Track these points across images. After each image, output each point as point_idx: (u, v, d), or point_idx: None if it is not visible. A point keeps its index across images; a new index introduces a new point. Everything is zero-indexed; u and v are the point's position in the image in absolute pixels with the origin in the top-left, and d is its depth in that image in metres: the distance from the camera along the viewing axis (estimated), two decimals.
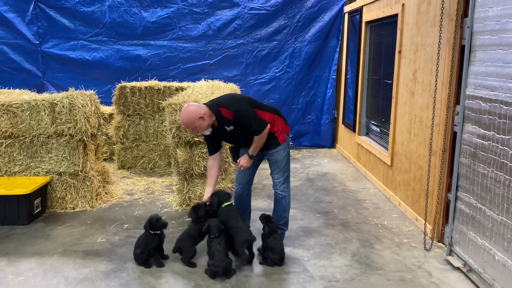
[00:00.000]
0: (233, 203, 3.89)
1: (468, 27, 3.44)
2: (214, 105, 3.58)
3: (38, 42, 7.50)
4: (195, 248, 3.69)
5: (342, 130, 7.76)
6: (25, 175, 4.89)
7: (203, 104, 3.62)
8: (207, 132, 3.64)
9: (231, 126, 3.59)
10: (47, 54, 7.55)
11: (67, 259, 3.76)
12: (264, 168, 4.36)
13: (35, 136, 4.80)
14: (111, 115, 6.81)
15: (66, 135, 4.79)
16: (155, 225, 3.65)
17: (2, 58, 7.45)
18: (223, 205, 3.76)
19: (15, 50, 7.48)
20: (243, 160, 3.76)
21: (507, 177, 2.98)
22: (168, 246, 3.79)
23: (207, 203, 3.79)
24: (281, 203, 3.90)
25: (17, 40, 7.46)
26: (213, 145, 3.79)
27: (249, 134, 3.61)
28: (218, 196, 3.82)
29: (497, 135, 3.10)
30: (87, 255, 3.84)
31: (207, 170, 3.89)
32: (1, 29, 7.38)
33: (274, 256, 3.59)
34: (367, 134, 6.63)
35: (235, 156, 3.95)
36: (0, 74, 7.46)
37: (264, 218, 3.76)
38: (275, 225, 3.72)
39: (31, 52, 7.52)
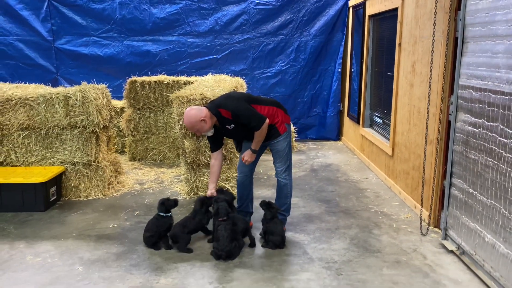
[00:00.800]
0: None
1: (460, 19, 3.58)
2: (214, 107, 3.78)
3: (51, 38, 7.77)
4: (190, 236, 3.87)
5: (347, 123, 7.91)
6: (41, 165, 5.15)
7: (204, 106, 3.82)
8: (210, 133, 3.84)
9: (232, 125, 3.79)
10: (61, 50, 7.82)
11: (81, 242, 4.00)
12: (270, 159, 4.53)
13: (50, 128, 5.05)
14: (122, 109, 7.06)
15: (79, 127, 5.04)
16: (167, 204, 3.89)
17: (18, 55, 7.74)
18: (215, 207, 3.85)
19: (30, 47, 7.76)
20: (247, 155, 3.95)
21: (495, 162, 3.13)
22: None
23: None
24: (283, 190, 4.09)
25: (32, 37, 7.73)
26: (215, 144, 3.99)
27: (250, 130, 3.80)
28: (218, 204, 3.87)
29: (486, 123, 3.24)
30: (99, 239, 4.08)
31: (210, 168, 4.07)
32: (17, 26, 7.67)
33: (275, 239, 3.79)
34: (370, 126, 6.77)
35: (239, 146, 4.16)
36: (17, 70, 7.75)
37: (265, 204, 3.95)
38: (276, 210, 3.91)
39: (45, 49, 7.79)
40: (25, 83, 6.05)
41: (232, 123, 3.78)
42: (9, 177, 4.74)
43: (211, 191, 4.00)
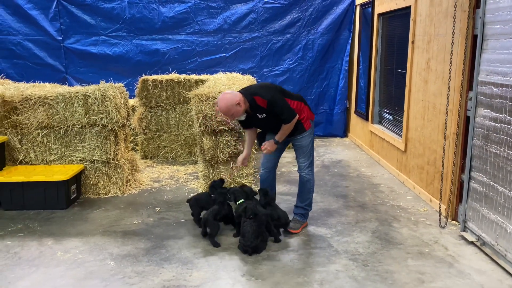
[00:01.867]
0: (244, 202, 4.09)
1: (480, 17, 3.69)
2: (249, 94, 3.83)
3: (60, 38, 7.79)
4: (219, 224, 4.03)
5: (354, 119, 8.02)
6: (60, 163, 5.20)
7: (238, 92, 3.88)
8: (243, 117, 3.90)
9: (264, 114, 3.86)
10: (70, 50, 7.85)
11: (108, 238, 4.07)
12: (283, 156, 4.62)
13: (69, 127, 5.10)
14: (133, 108, 7.10)
15: (98, 125, 5.09)
16: (218, 185, 4.17)
17: (27, 54, 7.75)
18: (237, 202, 4.03)
19: (39, 46, 7.78)
20: (268, 144, 4.01)
21: None
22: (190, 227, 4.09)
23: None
24: (306, 185, 4.18)
25: (41, 37, 7.75)
26: (247, 125, 4.10)
27: (279, 122, 3.88)
28: (234, 193, 4.10)
29: (508, 117, 3.35)
30: (126, 235, 4.14)
31: (246, 136, 4.28)
32: (26, 26, 7.68)
33: (281, 221, 3.98)
34: (379, 123, 6.89)
35: (261, 143, 4.23)
36: (26, 69, 7.77)
37: (262, 191, 4.13)
38: (270, 197, 4.10)
39: (54, 48, 7.81)
40: (35, 82, 6.06)
41: (265, 112, 3.84)
42: (30, 176, 4.79)
43: (242, 156, 4.21)
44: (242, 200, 4.05)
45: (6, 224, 4.42)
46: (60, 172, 4.86)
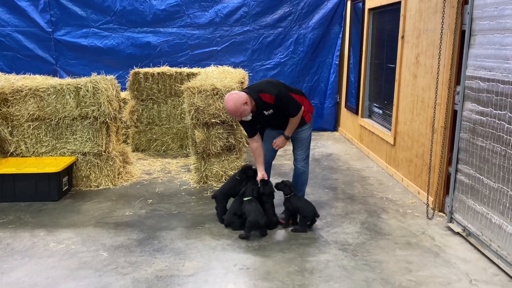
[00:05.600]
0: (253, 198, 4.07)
1: (468, 13, 3.77)
2: (254, 91, 3.84)
3: (51, 30, 7.73)
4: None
5: (344, 114, 8.11)
6: (51, 155, 5.20)
7: (242, 91, 3.89)
8: (250, 117, 3.88)
9: (271, 110, 3.87)
10: (60, 42, 7.79)
11: (101, 230, 4.09)
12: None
13: (60, 119, 5.09)
14: (124, 100, 7.09)
15: (90, 118, 5.09)
16: (247, 171, 4.15)
17: (16, 46, 7.68)
18: (245, 199, 4.01)
19: (29, 38, 7.71)
20: (279, 140, 4.07)
21: (503, 148, 3.34)
22: (193, 219, 4.13)
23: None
24: (301, 177, 4.26)
25: (31, 28, 7.68)
26: (252, 129, 4.03)
27: (284, 117, 3.92)
28: (247, 187, 4.05)
29: (494, 111, 3.44)
30: (118, 226, 4.17)
31: (253, 152, 4.10)
32: (15, 17, 7.60)
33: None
34: (369, 117, 6.97)
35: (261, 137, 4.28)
36: (15, 61, 7.70)
37: (263, 182, 4.13)
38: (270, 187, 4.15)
39: (44, 40, 7.75)
40: (25, 74, 6.03)
41: (272, 108, 3.86)
42: (21, 167, 4.78)
43: (261, 172, 4.06)
44: (250, 197, 4.00)
45: None
46: (52, 164, 4.86)
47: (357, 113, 7.21)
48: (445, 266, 3.41)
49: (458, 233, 3.95)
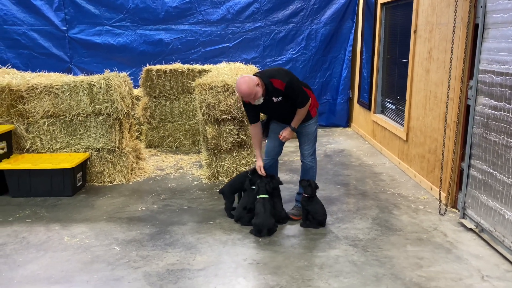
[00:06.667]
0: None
1: (481, 6, 3.71)
2: (265, 77, 3.84)
3: (65, 28, 7.85)
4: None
5: (357, 109, 8.06)
6: (65, 151, 5.29)
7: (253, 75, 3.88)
8: (261, 99, 3.86)
9: (280, 97, 3.86)
10: (74, 40, 7.90)
11: (114, 224, 4.16)
12: (286, 145, 4.62)
13: (74, 115, 5.18)
14: (137, 97, 7.17)
15: (103, 114, 5.16)
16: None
17: (32, 44, 7.82)
18: (258, 196, 4.01)
19: (44, 36, 7.84)
20: (286, 132, 4.06)
21: None
22: (204, 214, 4.16)
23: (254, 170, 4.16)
24: (309, 172, 4.26)
25: (46, 27, 7.81)
26: (255, 114, 4.09)
27: (291, 107, 3.92)
28: (259, 183, 4.06)
29: (507, 105, 3.39)
30: (131, 221, 4.23)
31: (252, 138, 4.23)
32: (31, 16, 7.74)
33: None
34: (382, 112, 6.92)
35: (265, 131, 4.29)
36: (31, 59, 7.84)
37: (269, 177, 4.16)
38: (277, 182, 4.17)
39: (59, 38, 7.87)
40: (40, 71, 6.14)
41: (281, 95, 3.85)
42: (37, 163, 4.88)
43: (259, 161, 4.12)
44: (264, 195, 4.01)
45: (14, 210, 4.52)
46: (66, 160, 4.95)
47: (369, 109, 7.16)
48: (456, 262, 3.38)
49: (470, 229, 3.90)
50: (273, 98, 3.89)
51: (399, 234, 3.88)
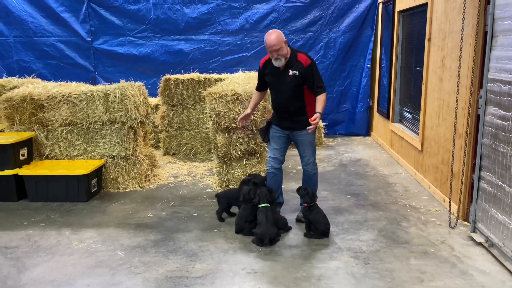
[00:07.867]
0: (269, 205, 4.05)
1: (490, 13, 3.61)
2: (292, 49, 4.00)
3: (90, 39, 8.15)
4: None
5: (376, 118, 7.93)
6: (82, 158, 5.47)
7: None
8: (283, 61, 3.93)
9: (296, 72, 3.93)
10: (98, 50, 8.19)
11: (122, 230, 4.26)
12: (293, 154, 4.64)
13: (91, 124, 5.36)
14: (156, 106, 7.34)
15: (118, 122, 5.32)
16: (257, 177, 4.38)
17: (59, 55, 8.16)
18: (260, 205, 4.01)
19: (70, 47, 8.17)
20: (317, 119, 3.86)
21: None
22: (210, 222, 4.20)
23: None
24: (312, 179, 4.25)
25: (72, 38, 8.14)
26: (262, 84, 4.32)
27: (299, 91, 3.98)
28: (260, 193, 4.04)
29: None
30: (138, 227, 4.33)
31: (253, 95, 4.52)
32: (59, 28, 8.09)
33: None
34: (400, 121, 6.79)
35: (266, 137, 4.31)
36: (58, 69, 8.18)
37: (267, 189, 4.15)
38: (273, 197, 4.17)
39: (84, 49, 8.18)
40: (66, 81, 6.40)
41: (299, 70, 3.92)
42: (54, 169, 5.07)
43: (249, 109, 4.40)
44: (266, 204, 4.01)
45: (30, 214, 4.71)
46: (82, 167, 5.12)
47: (388, 118, 7.04)
48: (460, 277, 3.27)
49: (480, 244, 3.76)
50: (290, 71, 3.95)
51: (404, 246, 3.79)
